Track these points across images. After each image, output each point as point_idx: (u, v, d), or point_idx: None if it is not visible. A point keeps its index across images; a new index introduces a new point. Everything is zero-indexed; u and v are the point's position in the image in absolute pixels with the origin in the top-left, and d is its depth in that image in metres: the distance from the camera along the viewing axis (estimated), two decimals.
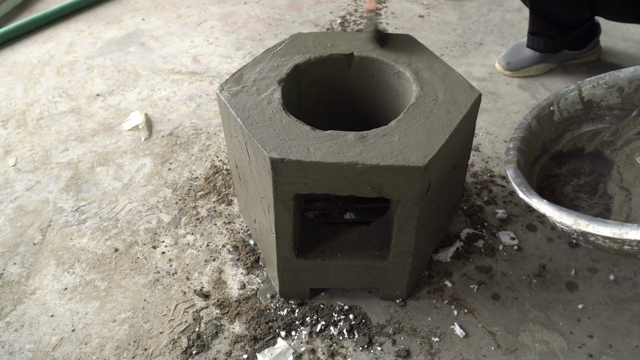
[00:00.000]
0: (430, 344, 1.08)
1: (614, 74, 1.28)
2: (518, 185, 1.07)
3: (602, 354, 1.06)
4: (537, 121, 1.24)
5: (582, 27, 1.69)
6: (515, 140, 1.19)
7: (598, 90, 1.28)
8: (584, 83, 1.29)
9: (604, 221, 0.92)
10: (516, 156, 1.15)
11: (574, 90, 1.28)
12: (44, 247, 1.28)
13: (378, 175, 0.91)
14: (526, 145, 1.20)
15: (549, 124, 1.27)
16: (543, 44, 1.71)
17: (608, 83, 1.28)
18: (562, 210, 0.97)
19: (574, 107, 1.29)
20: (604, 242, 0.95)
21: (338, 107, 1.24)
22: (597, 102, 1.29)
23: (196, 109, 1.70)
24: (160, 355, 1.07)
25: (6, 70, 1.89)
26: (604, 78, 1.28)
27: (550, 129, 1.28)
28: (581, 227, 0.93)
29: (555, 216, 0.97)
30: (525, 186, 1.06)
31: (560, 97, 1.28)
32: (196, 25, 2.15)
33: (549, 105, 1.27)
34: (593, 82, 1.28)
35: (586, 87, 1.28)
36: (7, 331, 1.11)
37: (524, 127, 1.22)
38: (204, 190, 1.42)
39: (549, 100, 1.27)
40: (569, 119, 1.29)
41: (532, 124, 1.23)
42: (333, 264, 1.08)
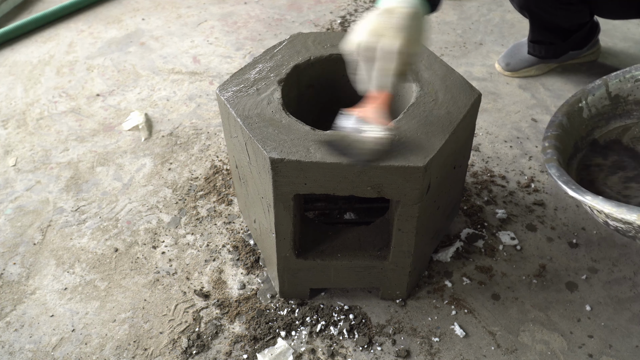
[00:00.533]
0: (430, 344, 1.08)
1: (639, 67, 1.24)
2: (566, 184, 1.02)
3: (602, 354, 1.06)
4: (568, 118, 1.21)
5: (581, 30, 1.69)
6: (550, 139, 1.15)
7: (625, 84, 1.25)
8: (609, 78, 1.26)
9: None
10: (554, 154, 1.10)
11: (601, 86, 1.25)
12: (44, 247, 1.28)
13: (378, 175, 0.91)
14: (560, 143, 1.16)
15: (579, 121, 1.24)
16: (544, 50, 1.71)
17: (635, 76, 1.24)
18: (621, 206, 0.90)
19: (602, 103, 1.25)
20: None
21: (338, 107, 1.24)
22: (625, 96, 1.26)
23: (196, 109, 1.70)
24: (160, 355, 1.07)
25: (6, 70, 1.89)
26: (630, 72, 1.25)
27: (580, 126, 1.24)
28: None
29: (614, 212, 0.91)
30: (573, 183, 1.01)
31: (588, 93, 1.24)
32: (196, 25, 2.15)
33: (578, 102, 1.23)
34: (619, 76, 1.25)
35: (612, 81, 1.25)
36: (7, 331, 1.11)
37: (556, 124, 1.18)
38: (204, 190, 1.42)
39: (576, 96, 1.24)
40: (597, 116, 1.26)
41: (564, 121, 1.19)
42: (333, 264, 1.08)
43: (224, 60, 1.93)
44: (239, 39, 2.05)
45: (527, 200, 1.37)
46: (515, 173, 1.45)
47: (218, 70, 1.88)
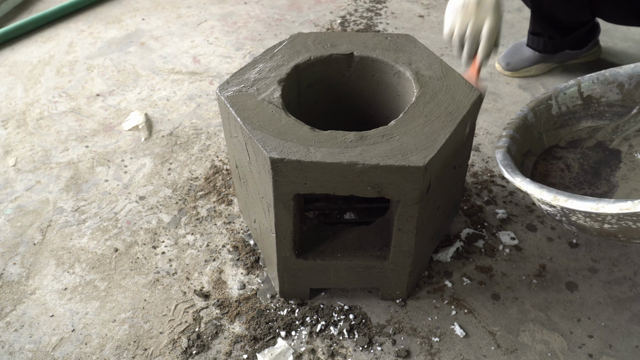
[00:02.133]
0: (430, 344, 1.08)
1: (614, 70, 1.28)
2: (505, 167, 1.09)
3: (602, 354, 1.06)
4: (534, 113, 1.25)
5: (582, 28, 1.69)
6: (509, 129, 1.20)
7: (598, 86, 1.28)
8: (583, 79, 1.29)
9: (582, 197, 0.93)
10: (507, 143, 1.16)
11: (574, 86, 1.29)
12: (44, 247, 1.28)
13: (378, 175, 0.91)
14: (520, 134, 1.21)
15: (547, 116, 1.27)
16: (543, 44, 1.71)
17: (608, 79, 1.27)
18: (542, 188, 0.98)
19: (573, 102, 1.29)
20: (585, 221, 0.95)
21: (338, 107, 1.24)
22: (597, 98, 1.29)
23: (196, 109, 1.71)
24: (160, 355, 1.07)
25: (6, 70, 1.89)
26: (604, 74, 1.28)
27: (548, 122, 1.28)
28: (560, 202, 0.94)
29: (536, 193, 0.99)
30: (511, 167, 1.08)
31: (559, 91, 1.28)
32: (196, 25, 2.15)
33: (547, 99, 1.27)
34: (593, 78, 1.29)
35: (586, 82, 1.29)
36: (7, 331, 1.11)
37: (520, 117, 1.23)
38: (204, 190, 1.42)
39: (547, 94, 1.28)
40: (567, 114, 1.29)
41: (529, 116, 1.24)
42: (333, 264, 1.08)
43: (224, 60, 1.93)
44: (239, 39, 2.05)
45: (527, 200, 1.37)
46: None
47: (218, 70, 1.88)
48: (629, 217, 0.88)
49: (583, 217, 0.95)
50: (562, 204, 0.95)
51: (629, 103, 1.28)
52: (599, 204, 0.90)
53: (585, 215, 0.94)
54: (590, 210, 0.91)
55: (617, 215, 0.89)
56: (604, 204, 0.89)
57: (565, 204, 0.94)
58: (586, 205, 0.91)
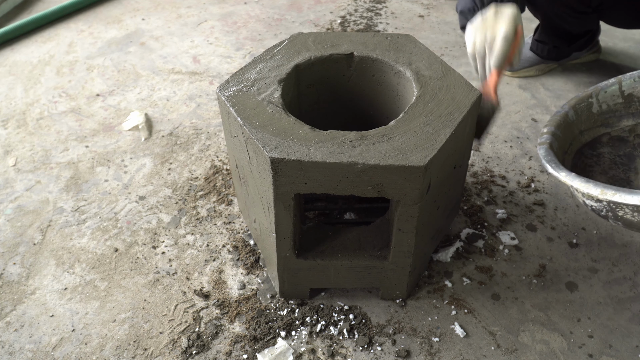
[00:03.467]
0: (430, 344, 1.08)
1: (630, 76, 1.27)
2: (548, 162, 1.08)
3: (602, 354, 1.06)
4: (575, 111, 1.24)
5: (586, 35, 1.71)
6: (550, 125, 1.19)
7: (639, 84, 1.27)
8: (624, 77, 1.28)
9: (630, 190, 0.91)
10: (549, 139, 1.15)
11: (614, 84, 1.28)
12: (44, 247, 1.28)
13: (378, 175, 0.91)
14: (561, 131, 1.20)
15: (587, 115, 1.27)
16: (547, 51, 1.73)
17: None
18: (589, 182, 0.97)
19: (614, 101, 1.28)
20: (633, 215, 0.93)
21: (338, 107, 1.24)
22: (638, 96, 1.28)
23: (196, 109, 1.71)
24: (160, 355, 1.07)
25: (6, 70, 1.89)
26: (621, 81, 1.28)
27: (589, 120, 1.28)
28: (608, 196, 0.93)
29: (582, 188, 0.97)
30: (555, 162, 1.07)
31: (600, 89, 1.27)
32: (196, 25, 2.15)
33: (588, 97, 1.27)
34: (634, 76, 1.28)
35: (627, 81, 1.28)
36: (7, 331, 1.11)
37: (561, 115, 1.22)
38: (204, 190, 1.42)
39: (588, 92, 1.27)
40: (608, 112, 1.29)
41: (570, 113, 1.23)
42: (333, 264, 1.08)
43: (224, 60, 1.93)
44: (239, 39, 2.05)
45: (527, 200, 1.37)
46: (515, 173, 1.45)
47: (218, 70, 1.88)
48: None
49: (631, 212, 0.94)
50: (610, 198, 0.93)
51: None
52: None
53: (634, 210, 0.92)
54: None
55: None
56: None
57: (613, 198, 0.92)
58: (636, 198, 0.90)
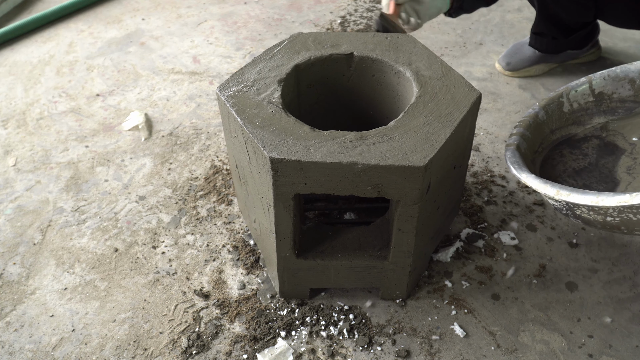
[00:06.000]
0: (430, 344, 1.08)
1: (625, 67, 1.29)
2: (512, 164, 1.11)
3: (602, 354, 1.06)
4: (545, 111, 1.26)
5: (584, 29, 1.70)
6: (519, 127, 1.21)
7: (609, 82, 1.29)
8: (594, 76, 1.30)
9: (583, 191, 0.95)
10: (517, 140, 1.17)
11: (585, 83, 1.29)
12: (44, 247, 1.28)
13: (378, 175, 0.91)
14: (530, 132, 1.22)
15: (558, 114, 1.29)
16: (546, 44, 1.72)
17: (619, 76, 1.28)
18: (546, 183, 1.01)
19: (585, 99, 1.30)
20: (589, 214, 0.97)
21: (338, 107, 1.24)
22: (609, 94, 1.30)
23: (196, 109, 1.70)
24: (160, 355, 1.07)
25: (6, 70, 1.89)
26: (615, 71, 1.29)
27: (560, 119, 1.29)
28: (563, 197, 0.97)
29: (540, 189, 1.01)
30: (518, 164, 1.10)
31: (571, 89, 1.29)
32: (196, 25, 2.15)
33: (559, 97, 1.29)
34: (604, 75, 1.29)
35: (597, 79, 1.29)
36: (7, 331, 1.11)
37: (531, 115, 1.24)
38: (204, 190, 1.42)
39: (558, 92, 1.29)
40: (579, 111, 1.30)
41: (540, 114, 1.25)
42: (333, 264, 1.08)
43: (224, 60, 1.93)
44: (239, 39, 2.05)
45: (527, 200, 1.37)
46: None
47: (218, 70, 1.88)
48: (629, 210, 0.90)
49: (587, 211, 0.97)
50: (565, 199, 0.96)
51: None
52: (599, 197, 0.92)
53: (589, 209, 0.96)
54: (591, 204, 0.93)
55: (618, 208, 0.91)
56: (604, 197, 0.91)
57: (567, 198, 0.96)
58: (587, 198, 0.93)
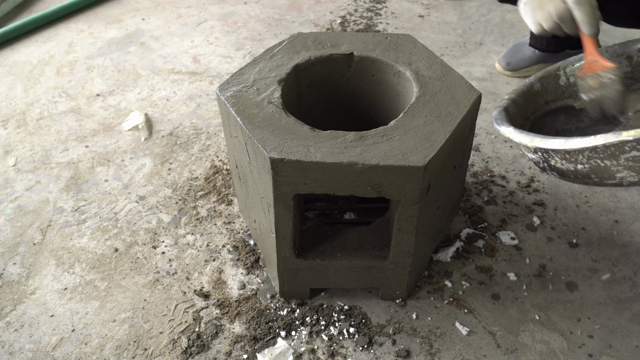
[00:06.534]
0: (430, 344, 1.08)
1: (623, 44, 1.28)
2: (495, 119, 1.10)
3: (602, 354, 1.06)
4: (541, 83, 1.26)
5: None
6: (512, 93, 1.21)
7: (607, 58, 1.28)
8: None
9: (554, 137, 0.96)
10: (507, 104, 1.17)
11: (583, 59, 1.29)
12: (44, 247, 1.28)
13: (378, 175, 0.91)
14: (523, 99, 1.22)
15: (554, 86, 1.28)
16: (546, 43, 1.72)
17: (617, 52, 1.27)
18: (522, 133, 1.01)
19: None
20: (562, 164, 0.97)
21: (338, 107, 1.24)
22: None
23: (196, 109, 1.71)
24: (160, 355, 1.07)
25: (6, 70, 1.89)
26: (613, 47, 1.28)
27: (555, 92, 1.29)
28: (535, 143, 0.97)
29: (516, 138, 1.01)
30: (501, 120, 1.10)
31: (568, 63, 1.28)
32: (196, 25, 2.15)
33: (555, 70, 1.28)
34: (602, 50, 1.29)
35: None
36: (7, 331, 1.11)
37: (526, 85, 1.24)
38: (204, 190, 1.42)
39: (555, 65, 1.29)
40: (575, 85, 1.29)
41: (535, 85, 1.25)
42: (333, 264, 1.08)
43: (224, 60, 1.93)
44: (239, 39, 2.05)
45: (527, 200, 1.37)
46: (515, 173, 1.45)
47: (218, 70, 1.88)
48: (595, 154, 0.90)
49: (560, 160, 0.97)
50: (537, 144, 0.96)
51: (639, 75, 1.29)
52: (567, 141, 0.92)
53: (561, 158, 0.96)
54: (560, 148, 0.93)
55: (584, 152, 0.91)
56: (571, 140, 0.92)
57: (539, 144, 0.96)
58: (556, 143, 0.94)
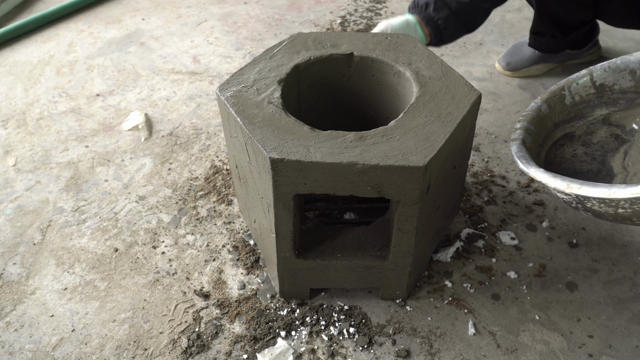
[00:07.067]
0: (430, 344, 1.08)
1: (625, 58, 1.28)
2: (519, 159, 1.09)
3: (602, 354, 1.06)
4: (548, 105, 1.26)
5: (583, 28, 1.70)
6: (523, 121, 1.21)
7: (610, 74, 1.29)
8: (595, 68, 1.30)
9: (594, 184, 0.94)
10: (522, 135, 1.17)
11: (586, 75, 1.29)
12: (44, 247, 1.28)
13: (378, 175, 0.91)
14: (534, 126, 1.22)
15: (560, 107, 1.28)
16: (545, 43, 1.72)
17: (620, 67, 1.28)
18: (556, 177, 1.00)
19: (586, 92, 1.30)
20: (600, 207, 0.96)
21: (338, 107, 1.24)
22: (610, 86, 1.30)
23: (196, 109, 1.71)
24: (160, 355, 1.07)
25: (6, 70, 1.89)
26: (615, 62, 1.29)
27: (562, 112, 1.29)
28: (574, 190, 0.96)
29: (550, 183, 1.00)
30: (525, 159, 1.09)
31: (572, 81, 1.29)
32: (196, 25, 2.15)
33: (560, 90, 1.28)
34: (604, 66, 1.29)
35: (597, 71, 1.29)
36: (7, 331, 1.11)
37: (533, 109, 1.24)
38: (204, 190, 1.42)
39: (559, 85, 1.29)
40: (581, 103, 1.30)
41: (542, 107, 1.25)
42: (333, 264, 1.08)
43: (224, 60, 1.93)
44: (239, 39, 2.05)
45: (527, 200, 1.37)
46: (515, 173, 1.45)
47: (218, 70, 1.88)
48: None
49: (597, 203, 0.96)
50: (576, 192, 0.95)
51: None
52: (610, 190, 0.91)
53: (600, 202, 0.95)
54: (603, 196, 0.91)
55: (630, 200, 0.90)
56: (616, 189, 0.90)
57: (578, 192, 0.95)
58: (599, 191, 0.92)
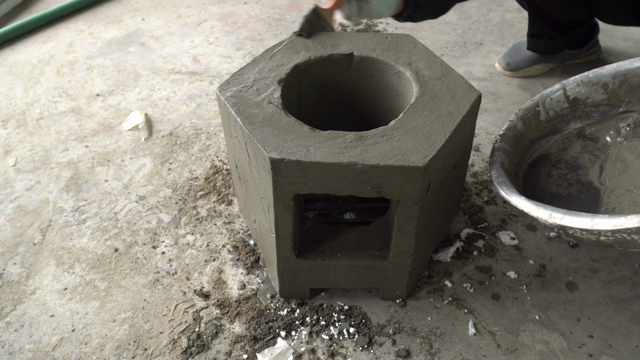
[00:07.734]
0: (430, 344, 1.08)
1: (597, 71, 1.30)
2: (499, 185, 1.10)
3: (602, 354, 1.06)
4: (523, 122, 1.27)
5: (581, 27, 1.69)
6: (501, 142, 1.22)
7: (582, 87, 1.30)
8: (568, 82, 1.31)
9: (577, 213, 0.94)
10: (500, 157, 1.18)
11: (559, 90, 1.30)
12: (44, 247, 1.28)
13: (378, 175, 0.91)
14: (511, 145, 1.23)
15: (536, 123, 1.30)
16: (543, 45, 1.71)
17: (592, 80, 1.29)
18: (538, 206, 1.00)
19: (560, 106, 1.31)
20: (582, 234, 0.97)
21: (338, 107, 1.24)
22: (583, 99, 1.31)
23: (196, 109, 1.70)
24: (160, 355, 1.07)
25: (6, 70, 1.89)
26: (588, 76, 1.30)
27: (538, 128, 1.30)
28: (556, 220, 0.96)
29: (532, 212, 1.00)
30: (506, 185, 1.10)
31: (546, 97, 1.30)
32: (196, 25, 2.15)
33: (535, 106, 1.29)
34: (577, 80, 1.31)
35: (570, 85, 1.31)
36: (7, 331, 1.11)
37: (509, 128, 1.25)
38: (204, 190, 1.42)
39: (534, 101, 1.30)
40: (555, 118, 1.31)
41: (518, 125, 1.26)
42: (333, 264, 1.08)
43: (224, 60, 1.93)
44: (239, 39, 2.05)
45: None
46: None
47: (218, 70, 1.88)
48: (624, 231, 0.89)
49: (580, 231, 0.96)
50: (559, 222, 0.95)
51: (615, 102, 1.30)
52: (593, 221, 0.91)
53: (582, 230, 0.95)
54: (586, 227, 0.92)
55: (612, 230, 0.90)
56: (599, 220, 0.90)
57: (561, 222, 0.95)
58: (581, 222, 0.93)
